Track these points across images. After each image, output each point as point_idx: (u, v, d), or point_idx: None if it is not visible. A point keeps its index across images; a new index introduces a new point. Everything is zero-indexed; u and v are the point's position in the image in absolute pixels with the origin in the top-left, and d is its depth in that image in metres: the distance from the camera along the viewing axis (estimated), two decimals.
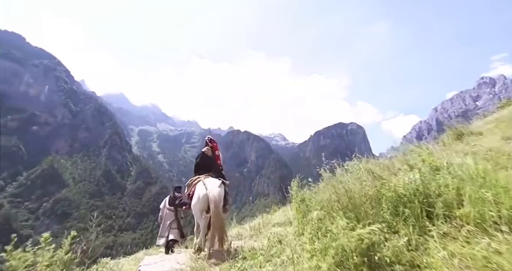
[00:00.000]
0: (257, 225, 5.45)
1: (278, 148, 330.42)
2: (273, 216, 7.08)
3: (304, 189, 4.10)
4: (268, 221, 5.76)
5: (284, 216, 5.30)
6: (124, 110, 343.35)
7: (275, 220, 5.52)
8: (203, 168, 3.17)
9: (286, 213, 5.55)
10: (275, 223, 5.16)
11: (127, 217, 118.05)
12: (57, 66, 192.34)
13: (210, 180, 3.04)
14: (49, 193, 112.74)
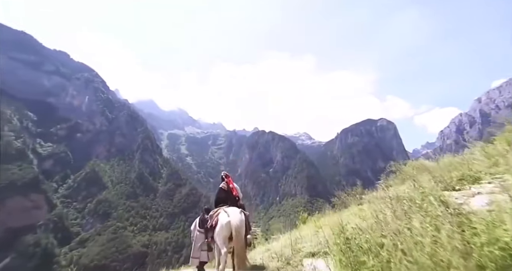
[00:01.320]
0: (285, 248, 4.72)
1: (304, 147, 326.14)
2: (302, 232, 6.23)
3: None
4: (298, 243, 4.75)
5: (316, 237, 4.49)
6: (154, 115, 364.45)
7: (306, 242, 4.58)
8: (222, 201, 3.91)
9: (318, 233, 4.64)
10: (308, 252, 4.15)
11: (160, 217, 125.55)
12: (95, 78, 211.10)
13: (231, 208, 3.48)
14: (92, 194, 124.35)
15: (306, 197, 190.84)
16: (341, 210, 6.50)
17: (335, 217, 5.07)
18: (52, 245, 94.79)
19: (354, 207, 5.55)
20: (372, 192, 6.61)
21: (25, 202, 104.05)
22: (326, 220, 5.17)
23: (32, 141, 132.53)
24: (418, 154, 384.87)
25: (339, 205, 6.94)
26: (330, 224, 4.30)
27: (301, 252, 3.84)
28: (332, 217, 5.24)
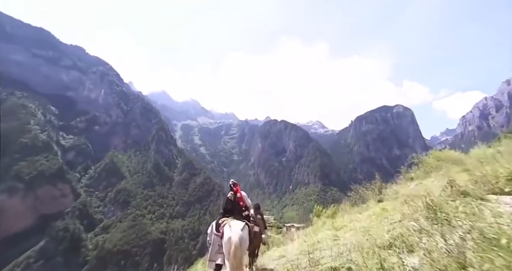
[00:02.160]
0: (301, 255, 4.16)
1: (317, 136, 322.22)
2: (318, 233, 5.40)
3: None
4: (315, 249, 4.00)
5: (336, 245, 3.76)
6: (167, 106, 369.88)
7: (325, 248, 3.83)
8: (228, 211, 3.99)
9: (338, 239, 4.02)
10: (328, 267, 3.35)
11: (176, 205, 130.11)
12: (109, 71, 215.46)
13: (234, 223, 3.50)
14: (112, 184, 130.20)
15: (319, 186, 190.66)
16: (359, 205, 6.00)
17: (353, 215, 4.70)
18: (79, 230, 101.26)
19: (374, 205, 5.06)
20: (392, 185, 6.14)
21: (54, 190, 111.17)
22: (344, 220, 4.69)
23: (56, 134, 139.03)
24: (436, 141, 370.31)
25: (357, 200, 6.39)
26: (350, 228, 4.03)
27: (320, 265, 3.27)
28: (351, 215, 4.85)
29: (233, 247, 2.97)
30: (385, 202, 4.84)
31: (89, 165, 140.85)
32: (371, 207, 4.88)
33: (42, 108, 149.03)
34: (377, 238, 2.98)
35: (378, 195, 5.43)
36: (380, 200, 5.04)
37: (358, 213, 4.74)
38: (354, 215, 4.68)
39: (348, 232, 3.78)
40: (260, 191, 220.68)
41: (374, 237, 3.10)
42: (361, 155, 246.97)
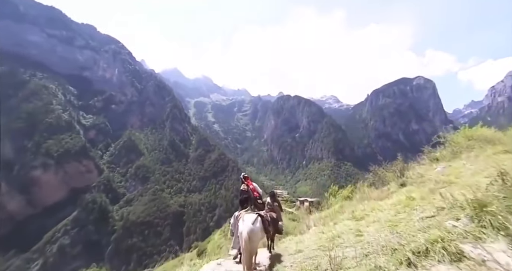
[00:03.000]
0: (320, 250, 3.55)
1: (331, 111, 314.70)
2: (339, 223, 4.79)
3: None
4: (335, 244, 3.37)
5: (359, 241, 3.23)
6: (180, 84, 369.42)
7: (346, 244, 3.30)
8: (244, 202, 4.15)
9: (360, 234, 3.44)
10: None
11: (193, 180, 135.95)
12: (121, 50, 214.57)
13: (247, 217, 3.68)
14: (131, 160, 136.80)
15: (333, 161, 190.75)
16: (378, 186, 5.40)
17: (374, 203, 4.05)
18: (106, 203, 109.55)
19: (396, 189, 4.51)
20: (414, 166, 5.47)
21: (80, 167, 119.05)
22: (365, 207, 4.10)
23: (76, 114, 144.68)
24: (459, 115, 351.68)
25: (376, 182, 5.74)
26: (373, 219, 3.43)
27: (343, 268, 2.80)
28: (371, 202, 4.25)
29: (244, 241, 3.25)
30: (408, 187, 4.34)
31: (109, 143, 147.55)
32: (393, 192, 4.40)
33: (61, 88, 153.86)
34: (409, 239, 2.53)
35: (400, 177, 4.86)
36: (402, 184, 4.53)
37: (379, 199, 4.23)
38: (375, 202, 4.14)
39: (371, 224, 3.34)
40: (274, 167, 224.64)
41: (404, 236, 2.72)
42: (376, 130, 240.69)
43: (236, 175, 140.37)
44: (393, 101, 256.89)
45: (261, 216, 3.74)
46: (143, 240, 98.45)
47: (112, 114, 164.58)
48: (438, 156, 5.06)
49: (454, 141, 5.12)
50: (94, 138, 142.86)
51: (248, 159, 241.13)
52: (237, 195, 4.89)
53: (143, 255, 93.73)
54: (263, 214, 3.83)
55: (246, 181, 4.27)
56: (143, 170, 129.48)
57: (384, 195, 4.28)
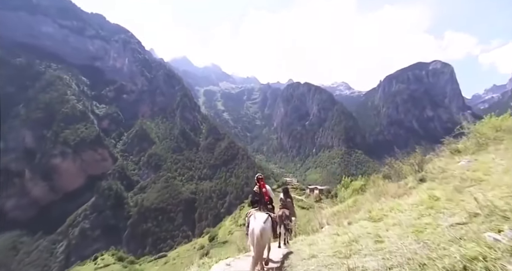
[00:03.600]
0: (335, 257, 3.07)
1: (342, 98, 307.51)
2: (354, 223, 4.33)
3: None
4: (353, 251, 2.92)
5: (380, 249, 2.76)
6: (189, 72, 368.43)
7: (365, 251, 2.82)
8: (255, 202, 4.20)
9: (380, 237, 3.02)
10: None
11: (203, 168, 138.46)
12: (131, 39, 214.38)
13: (259, 215, 3.78)
14: (143, 149, 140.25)
15: (344, 149, 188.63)
16: (393, 179, 5.01)
17: (391, 201, 3.66)
18: (121, 189, 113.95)
19: (414, 184, 4.08)
20: (434, 159, 4.96)
21: (95, 155, 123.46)
22: (382, 206, 3.69)
23: (90, 104, 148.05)
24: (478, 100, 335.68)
25: (392, 175, 5.27)
26: (393, 221, 3.01)
27: None
28: (388, 201, 3.82)
29: (255, 238, 3.38)
30: (429, 182, 3.93)
31: (121, 132, 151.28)
32: (411, 187, 3.98)
33: (75, 79, 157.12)
34: (440, 252, 2.11)
35: (418, 171, 4.44)
36: (422, 179, 4.10)
37: (397, 196, 3.87)
38: (393, 200, 3.83)
39: (391, 228, 2.96)
40: (283, 155, 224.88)
41: (433, 247, 2.26)
42: (389, 117, 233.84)
43: (246, 163, 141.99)
44: (407, 87, 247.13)
45: (271, 217, 3.83)
46: (157, 225, 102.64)
47: (124, 103, 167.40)
48: (460, 148, 4.60)
49: (479, 132, 4.55)
50: (107, 127, 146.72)
51: (257, 147, 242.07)
52: (246, 182, 4.90)
53: (157, 240, 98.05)
54: (273, 215, 3.93)
55: (259, 183, 4.30)
56: (155, 158, 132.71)
57: (402, 191, 3.93)
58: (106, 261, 47.25)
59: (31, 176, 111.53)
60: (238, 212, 56.94)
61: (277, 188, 65.61)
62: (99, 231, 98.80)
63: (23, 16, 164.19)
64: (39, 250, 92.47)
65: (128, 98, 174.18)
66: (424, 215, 3.04)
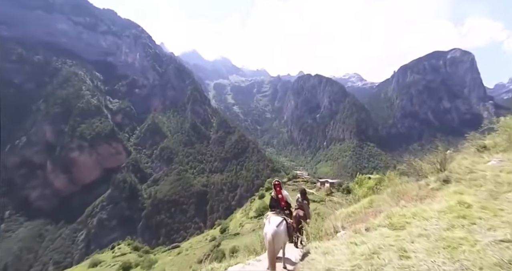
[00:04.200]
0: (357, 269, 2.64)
1: (353, 90, 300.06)
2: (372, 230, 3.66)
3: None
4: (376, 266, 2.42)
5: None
6: (199, 66, 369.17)
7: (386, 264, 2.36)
8: (273, 207, 4.27)
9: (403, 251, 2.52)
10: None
11: (214, 161, 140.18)
12: (141, 34, 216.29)
13: (273, 219, 3.80)
14: (156, 142, 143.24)
15: (355, 142, 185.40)
16: (409, 176, 4.62)
17: (411, 205, 3.28)
18: (135, 182, 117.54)
19: (439, 187, 3.60)
20: (458, 157, 4.39)
21: (110, 149, 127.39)
22: (403, 211, 3.22)
23: (103, 98, 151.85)
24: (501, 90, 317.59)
25: (411, 173, 4.74)
26: (418, 230, 2.51)
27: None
28: (409, 204, 3.42)
29: (267, 242, 3.41)
30: (454, 184, 3.47)
31: (134, 126, 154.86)
32: (434, 188, 3.55)
33: (89, 74, 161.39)
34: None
35: (440, 171, 3.99)
36: (446, 180, 3.63)
37: (419, 198, 3.51)
38: (415, 204, 3.39)
39: (417, 239, 2.48)
40: (294, 148, 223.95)
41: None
42: (403, 109, 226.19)
43: (256, 156, 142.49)
44: (423, 77, 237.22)
45: (286, 221, 3.86)
46: (170, 216, 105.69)
47: (136, 98, 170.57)
48: (488, 144, 4.13)
49: (510, 126, 4.03)
50: (121, 121, 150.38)
51: (268, 140, 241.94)
52: (257, 175, 4.87)
53: (170, 230, 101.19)
54: (290, 221, 3.97)
55: (275, 189, 4.34)
56: (167, 151, 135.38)
57: (423, 193, 3.54)
58: (123, 250, 49.32)
59: (53, 168, 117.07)
60: (249, 204, 57.56)
61: (287, 181, 65.62)
62: (115, 222, 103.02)
63: (41, 14, 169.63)
64: (62, 238, 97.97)
65: (140, 92, 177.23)
66: (455, 226, 2.55)
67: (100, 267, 41.40)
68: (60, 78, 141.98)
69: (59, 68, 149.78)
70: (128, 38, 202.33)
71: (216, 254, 29.10)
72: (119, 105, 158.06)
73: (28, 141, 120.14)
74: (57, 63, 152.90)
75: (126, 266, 36.33)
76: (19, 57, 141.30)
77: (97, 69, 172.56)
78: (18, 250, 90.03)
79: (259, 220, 45.04)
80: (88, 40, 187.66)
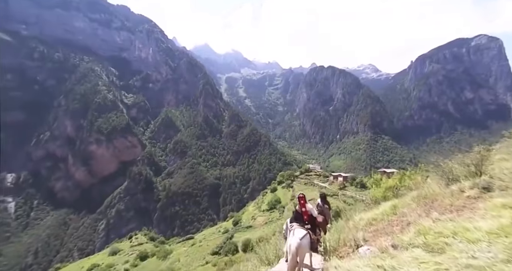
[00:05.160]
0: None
1: (368, 81, 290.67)
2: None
3: None
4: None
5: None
6: (210, 60, 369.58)
7: None
8: (296, 219, 4.23)
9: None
10: None
11: (227, 155, 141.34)
12: (154, 28, 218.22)
13: (297, 231, 3.84)
14: (170, 136, 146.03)
15: (369, 135, 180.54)
16: (439, 182, 3.80)
17: (447, 220, 2.60)
18: (150, 175, 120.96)
19: (478, 195, 2.98)
20: (497, 157, 3.81)
21: (126, 142, 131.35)
22: (439, 227, 2.51)
23: (119, 93, 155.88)
24: None
25: (441, 176, 3.97)
26: (464, 259, 1.79)
27: None
28: (445, 219, 2.71)
29: (291, 254, 3.48)
30: (501, 195, 2.85)
31: (149, 120, 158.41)
32: (472, 197, 2.91)
33: (105, 70, 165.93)
34: None
35: (476, 174, 3.38)
36: (486, 188, 2.99)
37: (455, 209, 2.93)
38: (451, 218, 2.73)
39: (463, 270, 1.82)
40: (306, 141, 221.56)
41: None
42: (420, 100, 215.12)
43: (268, 149, 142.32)
44: (443, 67, 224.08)
45: (310, 234, 3.88)
46: (184, 208, 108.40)
47: (150, 92, 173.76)
48: None
49: None
50: (136, 116, 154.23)
51: (280, 133, 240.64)
52: (269, 168, 4.61)
53: (185, 222, 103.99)
54: (313, 237, 3.99)
55: (300, 202, 4.29)
56: (180, 145, 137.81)
57: (460, 202, 3.00)
58: (140, 240, 51.26)
59: (73, 161, 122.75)
60: (261, 197, 57.84)
61: (300, 175, 65.24)
62: (132, 212, 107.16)
63: (59, 12, 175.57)
64: (84, 226, 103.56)
65: (153, 87, 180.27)
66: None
67: (119, 256, 43.30)
68: (78, 74, 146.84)
69: (77, 64, 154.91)
70: (141, 33, 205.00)
71: (229, 247, 29.60)
72: (133, 100, 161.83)
73: (52, 135, 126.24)
74: (75, 59, 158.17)
75: (143, 256, 37.73)
76: (41, 55, 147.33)
77: (113, 64, 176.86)
78: (46, 236, 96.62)
79: (271, 213, 45.31)
80: (103, 36, 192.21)
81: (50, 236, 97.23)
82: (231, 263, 20.70)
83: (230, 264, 20.50)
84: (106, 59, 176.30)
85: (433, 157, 4.54)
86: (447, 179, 3.52)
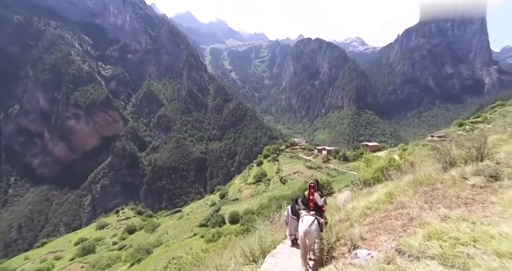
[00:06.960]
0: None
1: (354, 55, 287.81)
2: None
3: None
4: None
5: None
6: (193, 29, 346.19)
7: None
8: (302, 203, 4.43)
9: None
10: None
11: (213, 129, 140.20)
12: None
13: (306, 218, 3.95)
14: (153, 110, 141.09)
15: (354, 109, 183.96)
16: (435, 158, 3.64)
17: (460, 219, 2.10)
18: (134, 150, 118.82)
19: (485, 185, 2.65)
20: (496, 140, 3.64)
21: (106, 117, 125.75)
22: (452, 227, 2.00)
23: (95, 64, 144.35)
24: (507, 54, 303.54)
25: (439, 159, 3.66)
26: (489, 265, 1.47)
27: None
28: (458, 217, 2.20)
29: (300, 239, 3.68)
30: (509, 182, 2.54)
31: (130, 93, 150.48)
32: (478, 187, 2.68)
33: (77, 38, 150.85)
34: None
35: (479, 159, 3.13)
36: (493, 176, 2.75)
37: (463, 201, 2.50)
38: (466, 216, 2.18)
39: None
40: (292, 115, 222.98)
41: None
42: (404, 75, 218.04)
43: (255, 124, 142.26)
44: (428, 41, 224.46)
45: (318, 220, 4.01)
46: (171, 182, 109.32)
47: (129, 64, 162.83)
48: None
49: None
50: (115, 89, 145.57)
51: (266, 107, 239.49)
52: (255, 142, 4.26)
53: (172, 195, 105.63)
54: (321, 220, 4.11)
55: (309, 190, 4.30)
56: (164, 120, 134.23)
57: (466, 193, 2.62)
58: (127, 214, 51.78)
59: (50, 136, 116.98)
60: (247, 171, 59.06)
61: (285, 149, 66.50)
62: (118, 187, 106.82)
63: None
64: (69, 202, 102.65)
65: (133, 58, 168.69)
66: None
67: (106, 230, 43.82)
68: (45, 41, 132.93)
69: (43, 30, 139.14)
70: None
71: (216, 219, 30.53)
72: (112, 72, 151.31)
73: (22, 109, 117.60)
74: (39, 24, 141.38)
75: (131, 229, 38.36)
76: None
77: (85, 32, 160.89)
78: (29, 212, 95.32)
79: (257, 186, 46.72)
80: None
81: (33, 212, 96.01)
82: (218, 234, 21.43)
83: (217, 235, 21.27)
84: (76, 25, 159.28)
85: (416, 131, 4.25)
86: (445, 162, 3.31)
